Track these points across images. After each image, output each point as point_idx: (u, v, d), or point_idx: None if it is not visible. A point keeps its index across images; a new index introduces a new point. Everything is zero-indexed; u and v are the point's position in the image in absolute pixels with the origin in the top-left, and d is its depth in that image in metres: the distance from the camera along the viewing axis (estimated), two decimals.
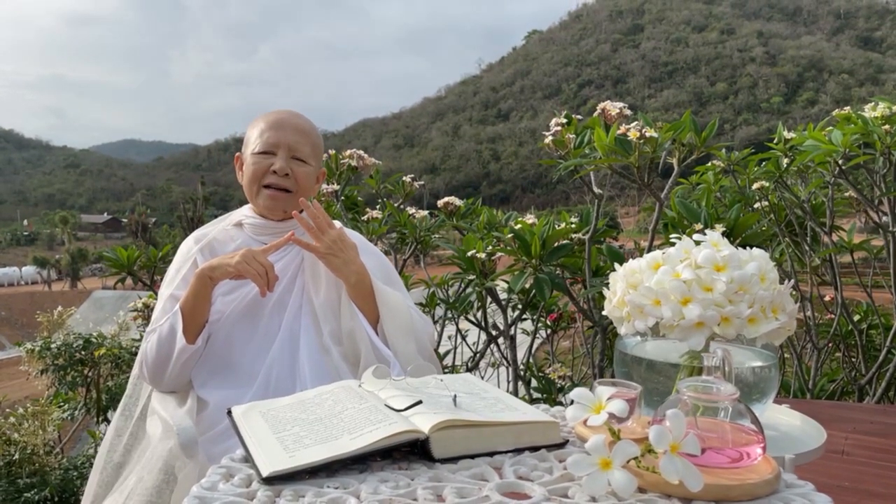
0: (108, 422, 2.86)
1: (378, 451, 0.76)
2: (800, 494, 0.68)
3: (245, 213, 1.56)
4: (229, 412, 0.94)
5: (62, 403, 2.91)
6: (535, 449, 0.81)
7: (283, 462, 0.74)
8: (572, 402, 0.77)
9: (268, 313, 1.42)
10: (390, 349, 1.39)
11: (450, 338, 3.22)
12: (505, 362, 2.93)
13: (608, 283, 1.03)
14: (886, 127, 2.53)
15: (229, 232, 1.54)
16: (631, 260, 1.02)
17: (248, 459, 0.79)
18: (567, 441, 0.84)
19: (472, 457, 0.78)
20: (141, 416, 1.43)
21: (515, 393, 2.67)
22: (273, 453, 0.77)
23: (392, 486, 0.71)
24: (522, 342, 3.09)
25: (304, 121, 1.51)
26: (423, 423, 0.79)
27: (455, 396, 0.87)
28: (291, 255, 1.50)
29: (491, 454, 0.79)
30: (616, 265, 1.02)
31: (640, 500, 0.66)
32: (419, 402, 0.84)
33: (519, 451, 0.81)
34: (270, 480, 0.72)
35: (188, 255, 1.50)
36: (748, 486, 0.67)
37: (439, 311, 3.01)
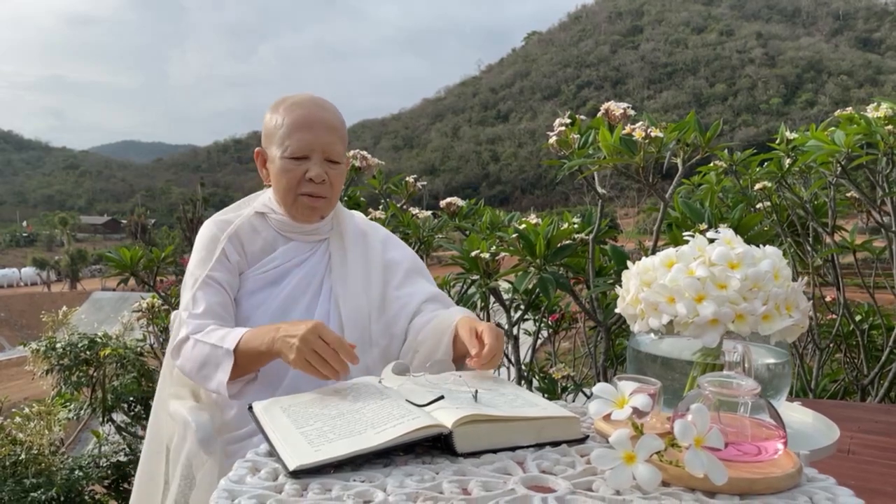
0: (113, 422, 2.87)
1: (401, 446, 0.77)
2: (822, 488, 0.69)
3: (268, 204, 1.47)
4: (250, 408, 0.95)
5: (66, 403, 2.91)
6: (555, 444, 0.82)
7: (309, 456, 0.75)
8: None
9: (296, 318, 1.34)
10: None
11: None
12: (507, 362, 2.94)
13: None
14: (889, 127, 2.54)
15: (253, 222, 1.46)
16: (645, 258, 1.02)
17: (272, 454, 0.80)
18: (587, 436, 0.84)
19: (494, 451, 0.79)
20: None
21: None
22: (298, 447, 0.77)
23: (417, 479, 0.71)
24: (523, 342, 3.09)
25: (331, 114, 1.42)
26: (445, 417, 0.80)
27: (476, 392, 0.88)
28: (318, 256, 1.45)
29: (513, 449, 0.80)
30: (621, 264, 1.03)
31: (664, 494, 0.67)
32: (441, 398, 0.84)
33: (540, 446, 0.82)
34: (297, 474, 0.73)
35: (213, 239, 1.42)
36: (771, 479, 0.68)
37: None
